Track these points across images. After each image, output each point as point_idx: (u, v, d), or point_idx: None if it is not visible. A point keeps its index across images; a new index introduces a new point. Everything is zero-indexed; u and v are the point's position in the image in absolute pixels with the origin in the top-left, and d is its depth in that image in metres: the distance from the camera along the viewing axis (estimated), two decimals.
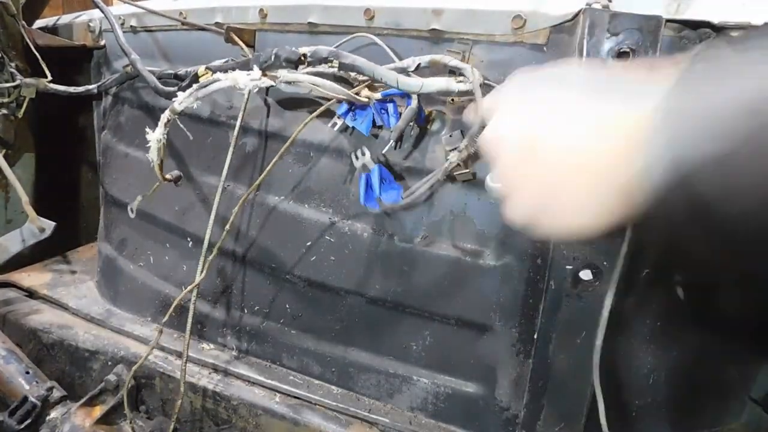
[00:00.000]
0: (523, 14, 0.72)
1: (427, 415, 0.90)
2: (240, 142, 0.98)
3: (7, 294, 1.24)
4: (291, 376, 0.98)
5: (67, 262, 1.40)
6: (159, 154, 0.65)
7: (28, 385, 0.98)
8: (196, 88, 0.64)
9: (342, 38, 0.85)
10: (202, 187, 1.04)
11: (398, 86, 0.69)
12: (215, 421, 0.96)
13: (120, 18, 1.16)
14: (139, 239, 1.17)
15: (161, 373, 1.00)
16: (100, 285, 1.25)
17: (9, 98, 1.21)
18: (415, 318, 0.87)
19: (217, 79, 0.63)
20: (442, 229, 0.83)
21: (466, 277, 0.82)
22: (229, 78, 0.62)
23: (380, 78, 0.68)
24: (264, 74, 0.63)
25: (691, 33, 0.64)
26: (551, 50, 0.72)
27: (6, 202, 1.31)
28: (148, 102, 1.16)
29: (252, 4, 0.95)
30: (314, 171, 0.92)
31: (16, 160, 1.31)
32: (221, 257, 1.02)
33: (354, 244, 0.88)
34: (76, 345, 1.07)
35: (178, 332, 1.07)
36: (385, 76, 0.67)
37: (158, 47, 1.13)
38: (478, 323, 0.83)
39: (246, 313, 1.01)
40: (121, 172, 1.22)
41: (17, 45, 1.23)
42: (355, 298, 0.91)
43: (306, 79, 0.68)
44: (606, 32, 0.64)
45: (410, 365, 0.90)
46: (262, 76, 0.63)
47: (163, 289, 1.11)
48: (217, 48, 0.97)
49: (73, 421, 0.93)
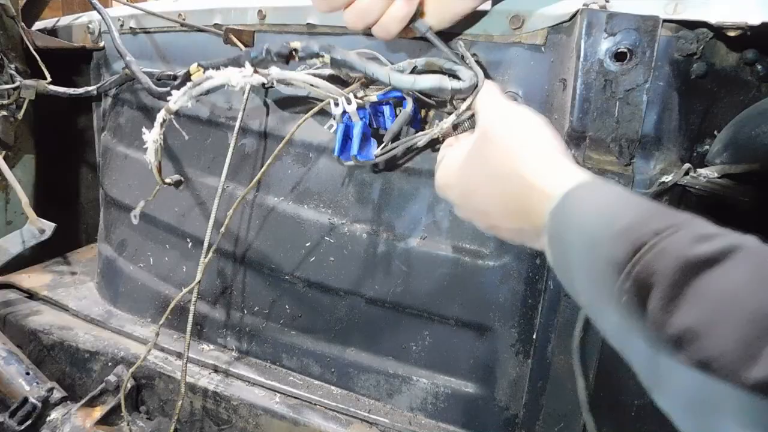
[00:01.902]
0: (521, 14, 0.73)
1: (426, 416, 0.90)
2: (239, 143, 0.98)
3: (7, 295, 1.24)
4: (291, 377, 0.98)
5: (67, 264, 1.40)
6: (156, 155, 0.65)
7: (29, 386, 0.98)
8: (189, 86, 0.64)
9: (341, 39, 0.85)
10: (202, 188, 1.04)
11: (390, 82, 0.68)
12: (215, 422, 0.96)
13: (119, 19, 1.17)
14: (139, 240, 1.17)
15: (161, 374, 1.00)
16: (100, 286, 1.26)
17: (9, 100, 1.21)
18: (415, 318, 0.87)
19: (210, 77, 0.63)
20: (442, 230, 0.83)
21: (465, 277, 0.82)
22: (222, 75, 0.63)
23: (372, 74, 0.67)
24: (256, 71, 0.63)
25: (688, 33, 0.64)
26: (549, 50, 0.72)
27: (6, 203, 1.31)
28: (147, 103, 1.16)
29: (251, 6, 0.95)
30: (313, 171, 0.92)
31: (16, 161, 1.31)
32: (221, 258, 1.02)
33: (353, 244, 0.88)
34: (76, 346, 1.07)
35: (178, 333, 1.07)
36: (376, 72, 0.67)
37: (157, 49, 1.13)
38: (478, 323, 0.83)
39: (246, 314, 1.01)
40: (120, 174, 1.22)
41: (17, 47, 1.23)
42: (355, 299, 0.91)
43: (299, 78, 0.68)
44: (603, 32, 0.64)
45: (410, 365, 0.90)
46: (254, 73, 0.63)
47: (163, 290, 1.11)
48: (216, 49, 0.97)
49: (73, 422, 0.94)
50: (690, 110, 0.68)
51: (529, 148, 0.53)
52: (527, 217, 0.50)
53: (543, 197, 0.47)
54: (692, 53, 0.64)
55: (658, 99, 0.66)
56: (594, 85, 0.66)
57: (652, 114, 0.66)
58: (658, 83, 0.65)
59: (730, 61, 0.66)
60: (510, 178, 0.52)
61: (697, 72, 0.66)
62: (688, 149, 0.69)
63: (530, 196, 0.49)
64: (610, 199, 0.42)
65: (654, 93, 0.65)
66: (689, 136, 0.69)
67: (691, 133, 0.69)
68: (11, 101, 1.21)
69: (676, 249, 0.33)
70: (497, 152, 0.54)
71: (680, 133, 0.68)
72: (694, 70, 0.66)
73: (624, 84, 0.65)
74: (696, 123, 0.69)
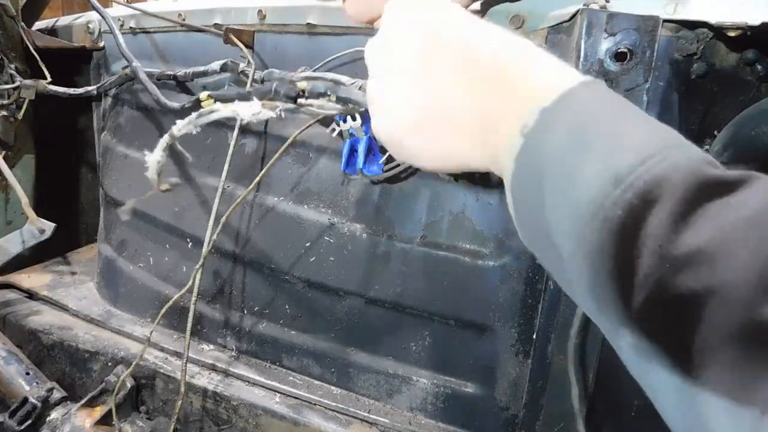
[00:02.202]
0: (521, 14, 0.73)
1: (426, 416, 0.90)
2: (239, 143, 0.98)
3: (7, 295, 1.24)
4: (291, 377, 0.98)
5: (67, 264, 1.40)
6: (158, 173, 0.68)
7: (29, 386, 0.98)
8: (195, 116, 0.67)
9: (341, 39, 0.85)
10: (202, 188, 1.04)
11: None
12: (215, 422, 0.96)
13: (119, 19, 1.17)
14: (138, 240, 1.17)
15: (161, 374, 1.00)
16: (100, 286, 1.25)
17: (9, 100, 1.21)
18: (415, 318, 0.87)
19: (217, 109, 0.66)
20: (441, 230, 0.83)
21: (465, 277, 0.82)
22: (230, 109, 0.65)
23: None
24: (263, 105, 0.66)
25: (688, 33, 0.64)
26: (550, 50, 0.72)
27: (6, 203, 1.31)
28: (147, 103, 1.16)
29: (251, 5, 0.95)
30: (313, 171, 0.92)
31: (16, 161, 1.31)
32: (221, 258, 1.02)
33: (353, 244, 0.88)
34: (76, 346, 1.07)
35: (177, 333, 1.07)
36: None
37: (157, 48, 1.13)
38: (477, 323, 0.83)
39: (246, 314, 1.01)
40: (120, 173, 1.22)
41: (17, 46, 1.23)
42: (355, 299, 0.91)
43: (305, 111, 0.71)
44: (603, 32, 0.64)
45: (409, 365, 0.90)
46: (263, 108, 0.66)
47: (162, 290, 1.11)
48: (216, 49, 0.97)
49: (73, 422, 0.94)
50: (690, 110, 0.68)
51: (495, 33, 0.39)
52: (496, 121, 0.36)
53: (530, 90, 0.35)
54: (692, 53, 0.64)
55: (658, 99, 0.66)
56: None
57: (652, 114, 0.65)
58: (658, 83, 0.65)
59: (730, 61, 0.66)
60: (481, 72, 0.37)
61: (697, 72, 0.66)
62: None
63: (509, 90, 0.36)
64: (615, 107, 0.34)
65: (654, 93, 0.65)
66: (689, 136, 0.68)
67: (691, 133, 0.69)
68: (11, 101, 1.21)
69: (690, 166, 0.28)
70: (454, 45, 0.38)
71: (680, 133, 0.68)
72: (694, 70, 0.66)
73: (624, 84, 0.65)
74: (696, 123, 0.69)
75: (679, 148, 0.30)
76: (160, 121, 1.14)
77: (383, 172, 0.81)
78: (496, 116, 0.36)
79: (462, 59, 0.38)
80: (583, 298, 0.32)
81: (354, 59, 0.86)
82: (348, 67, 0.87)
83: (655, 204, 0.27)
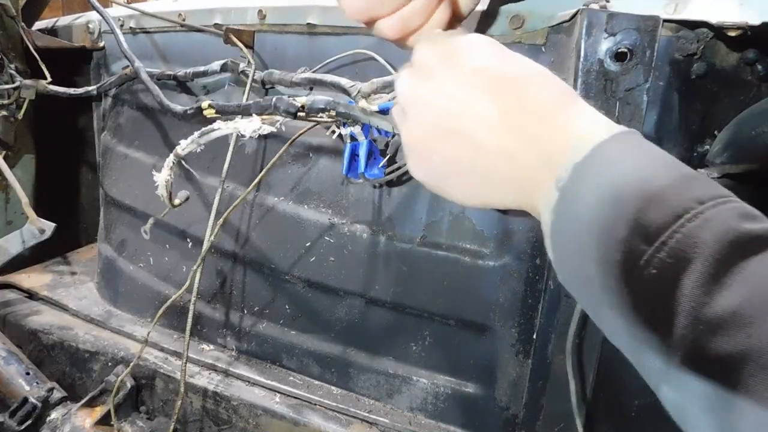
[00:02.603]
0: (521, 14, 0.73)
1: (426, 416, 0.90)
2: (239, 143, 0.98)
3: (7, 295, 1.24)
4: (291, 377, 0.98)
5: (67, 263, 1.40)
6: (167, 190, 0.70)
7: (29, 386, 0.98)
8: (198, 135, 0.70)
9: (341, 39, 0.85)
10: (202, 188, 1.04)
11: (394, 131, 0.71)
12: (215, 422, 0.96)
13: (119, 19, 1.17)
14: (138, 240, 1.17)
15: (161, 374, 1.00)
16: (100, 286, 1.25)
17: (9, 100, 1.21)
18: (415, 318, 0.87)
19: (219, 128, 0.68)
20: (441, 230, 0.83)
21: (465, 277, 0.82)
22: (231, 126, 0.67)
23: (376, 126, 0.69)
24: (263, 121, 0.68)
25: (688, 33, 0.64)
26: (550, 50, 0.72)
27: (6, 203, 1.31)
28: (147, 103, 1.16)
29: (251, 5, 0.95)
30: (313, 172, 0.92)
31: (16, 161, 1.31)
32: (221, 258, 1.02)
33: (353, 244, 0.88)
34: (76, 346, 1.07)
35: (177, 333, 1.07)
36: (380, 124, 0.69)
37: (157, 48, 1.13)
38: (478, 323, 0.83)
39: (246, 314, 1.01)
40: (120, 174, 1.22)
41: (17, 46, 1.23)
42: (355, 299, 0.91)
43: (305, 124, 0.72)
44: (604, 32, 0.64)
45: (410, 366, 0.90)
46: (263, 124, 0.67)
47: (163, 290, 1.11)
48: (216, 49, 0.97)
49: (73, 422, 0.94)
50: (690, 110, 0.68)
51: (535, 75, 0.39)
52: (533, 176, 0.37)
53: (563, 143, 0.35)
54: (692, 53, 0.64)
55: (659, 99, 0.66)
56: (594, 85, 0.66)
57: (653, 114, 0.66)
58: (658, 83, 0.65)
59: (730, 61, 0.66)
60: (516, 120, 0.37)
61: (698, 72, 0.66)
62: (688, 149, 0.69)
63: (544, 144, 0.36)
64: (647, 159, 0.33)
65: (654, 93, 0.65)
66: (689, 136, 0.69)
67: (692, 133, 0.69)
68: (11, 101, 1.21)
69: (724, 222, 0.28)
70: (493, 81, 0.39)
71: (680, 133, 0.68)
72: (694, 70, 0.66)
73: (624, 84, 0.64)
74: (696, 123, 0.69)
75: (713, 201, 0.29)
76: (160, 122, 1.14)
77: (385, 175, 0.81)
78: (532, 170, 0.37)
79: (499, 110, 0.38)
80: (622, 347, 0.33)
81: (354, 61, 0.87)
82: (348, 68, 0.88)
83: (689, 264, 0.27)
